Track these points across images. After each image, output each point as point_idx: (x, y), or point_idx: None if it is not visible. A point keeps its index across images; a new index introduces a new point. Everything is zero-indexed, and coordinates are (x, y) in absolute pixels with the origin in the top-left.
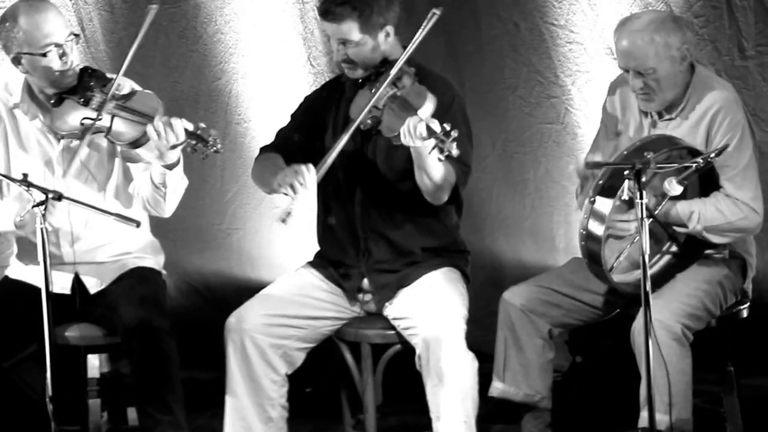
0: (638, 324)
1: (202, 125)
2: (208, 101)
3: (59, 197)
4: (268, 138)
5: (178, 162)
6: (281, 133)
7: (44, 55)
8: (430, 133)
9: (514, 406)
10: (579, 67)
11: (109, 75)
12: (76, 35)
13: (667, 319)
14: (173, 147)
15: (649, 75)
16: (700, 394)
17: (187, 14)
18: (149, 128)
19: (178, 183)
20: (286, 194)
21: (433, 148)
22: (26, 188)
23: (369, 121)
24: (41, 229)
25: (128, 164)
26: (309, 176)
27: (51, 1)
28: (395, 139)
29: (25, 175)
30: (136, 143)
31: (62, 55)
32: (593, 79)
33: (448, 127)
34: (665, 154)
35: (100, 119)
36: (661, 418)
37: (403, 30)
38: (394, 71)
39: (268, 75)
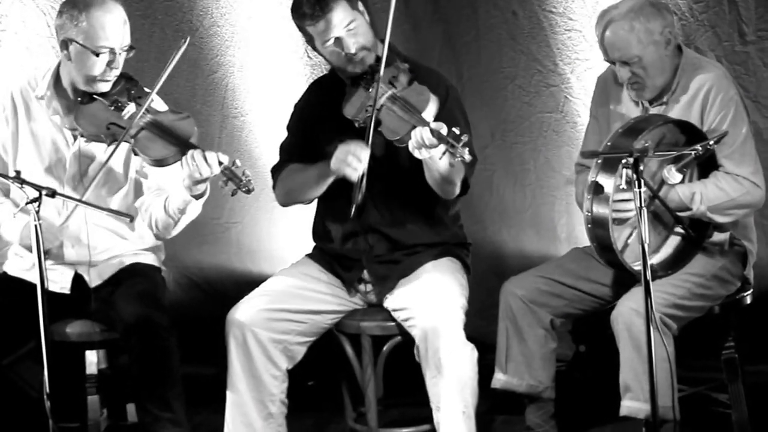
0: (617, 312)
1: (238, 162)
2: (204, 95)
3: (53, 194)
4: (265, 130)
5: (204, 193)
6: (285, 148)
7: (96, 54)
8: (440, 139)
9: (517, 397)
10: (578, 55)
11: (147, 89)
12: (132, 48)
13: (644, 308)
14: (204, 180)
15: (635, 63)
16: (703, 381)
17: (183, 7)
18: (183, 159)
19: (194, 211)
20: (348, 175)
21: (444, 153)
22: (19, 185)
23: (366, 122)
24: (35, 225)
25: (141, 179)
26: (363, 152)
27: (121, 7)
28: (398, 142)
29: (18, 173)
30: (161, 162)
31: (110, 62)
32: (592, 67)
33: (457, 131)
34: (657, 133)
35: (130, 131)
36: (641, 407)
37: (400, 21)
38: (383, 62)
39: (264, 67)
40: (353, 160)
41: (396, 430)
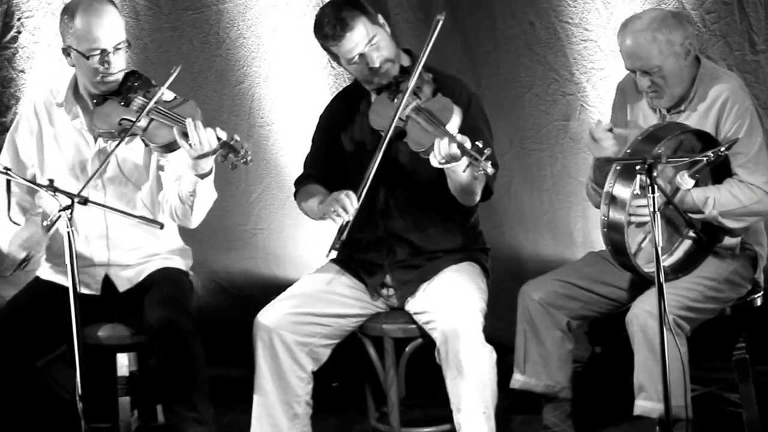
0: (632, 313)
1: (236, 137)
2: (231, 105)
3: (85, 201)
4: (291, 139)
5: (210, 172)
6: (307, 161)
7: (87, 57)
8: (463, 152)
9: (534, 398)
10: (594, 65)
11: (154, 82)
12: (128, 43)
13: (657, 310)
14: (204, 155)
15: (656, 73)
16: (715, 381)
17: (210, 20)
18: (182, 137)
19: (207, 194)
20: (333, 220)
21: (468, 167)
22: (52, 193)
23: (392, 132)
24: (68, 232)
25: (159, 173)
26: (349, 202)
27: (112, 5)
28: (423, 153)
29: (51, 181)
30: (169, 147)
31: (103, 62)
32: (608, 76)
33: (480, 144)
34: (675, 140)
35: (139, 122)
36: (655, 406)
37: (422, 31)
38: (413, 79)
39: (289, 78)
40: (339, 210)
41: (418, 429)
